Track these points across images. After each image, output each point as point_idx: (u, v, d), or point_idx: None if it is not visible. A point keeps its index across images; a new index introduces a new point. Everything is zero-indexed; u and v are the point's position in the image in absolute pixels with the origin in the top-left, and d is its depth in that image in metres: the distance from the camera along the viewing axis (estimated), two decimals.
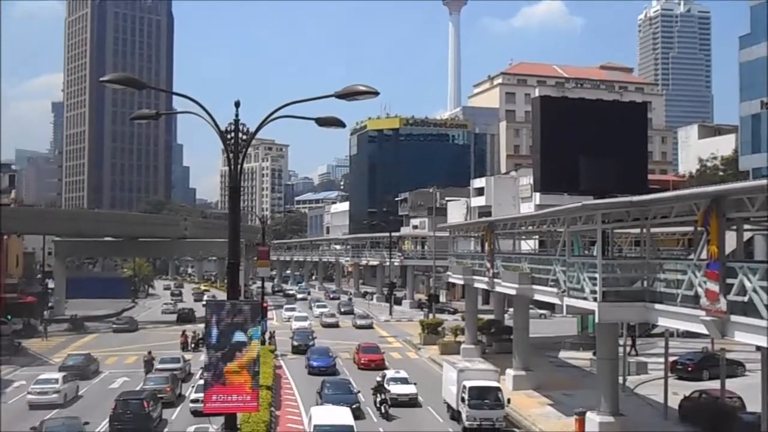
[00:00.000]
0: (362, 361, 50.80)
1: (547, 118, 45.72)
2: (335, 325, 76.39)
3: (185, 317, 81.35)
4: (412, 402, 39.22)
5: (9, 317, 59.50)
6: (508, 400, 34.78)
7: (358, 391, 38.90)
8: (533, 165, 52.50)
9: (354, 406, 34.92)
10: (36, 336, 65.49)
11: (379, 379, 40.19)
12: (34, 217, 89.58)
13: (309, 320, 72.40)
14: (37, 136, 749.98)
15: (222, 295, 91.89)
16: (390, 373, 42.23)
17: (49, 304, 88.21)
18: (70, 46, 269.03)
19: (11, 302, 68.34)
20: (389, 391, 38.69)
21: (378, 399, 37.86)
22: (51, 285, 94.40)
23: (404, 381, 40.92)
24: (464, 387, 34.25)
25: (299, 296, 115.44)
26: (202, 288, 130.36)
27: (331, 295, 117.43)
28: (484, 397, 33.68)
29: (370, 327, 74.43)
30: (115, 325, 76.59)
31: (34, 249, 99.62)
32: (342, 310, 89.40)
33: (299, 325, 67.29)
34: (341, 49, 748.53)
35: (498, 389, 34.38)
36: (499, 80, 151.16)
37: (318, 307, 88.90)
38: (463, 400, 34.05)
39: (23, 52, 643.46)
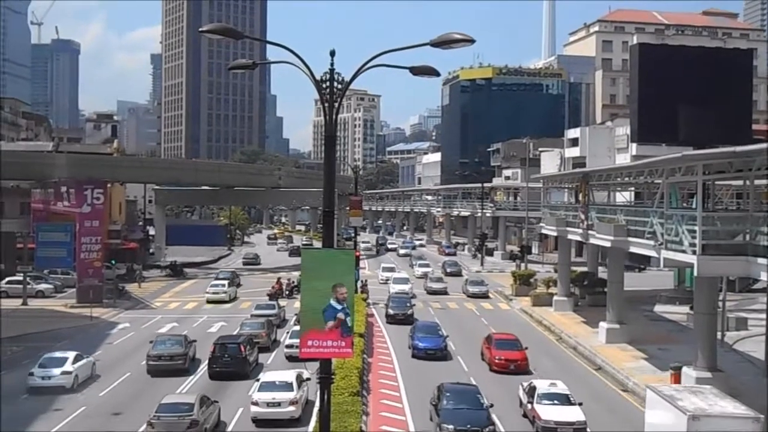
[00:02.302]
0: (496, 361, 36.28)
1: (645, 67, 44.44)
2: (442, 292, 63.64)
3: (251, 262, 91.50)
4: None
5: (113, 262, 61.81)
6: None
7: (491, 405, 27.45)
8: (630, 115, 51.20)
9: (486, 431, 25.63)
10: (135, 281, 67.93)
11: (523, 393, 29.35)
12: (135, 166, 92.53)
13: (409, 283, 62.66)
14: (137, 88, 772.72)
15: (316, 244, 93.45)
16: (541, 385, 28.92)
17: (150, 251, 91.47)
18: None
19: (115, 248, 70.93)
20: (540, 417, 26.92)
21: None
22: (152, 232, 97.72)
23: (565, 399, 27.96)
24: None
25: (401, 252, 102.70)
26: (276, 234, 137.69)
27: (446, 251, 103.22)
28: None
29: (485, 296, 61.88)
30: (244, 259, 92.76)
31: (135, 197, 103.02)
32: (448, 270, 77.89)
33: (398, 288, 58.74)
34: None
35: None
36: (596, 28, 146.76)
37: (420, 266, 78.55)
38: None
39: (123, 5, 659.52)
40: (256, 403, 27.82)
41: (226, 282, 61.55)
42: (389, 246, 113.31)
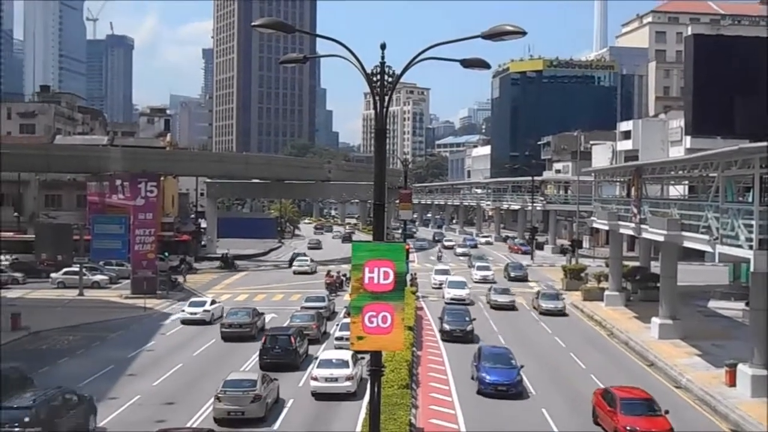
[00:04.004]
0: (625, 428, 25.04)
1: (700, 58, 43.67)
2: (509, 307, 52.29)
3: (315, 246, 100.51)
4: None
5: (166, 254, 62.78)
6: None
7: None
8: (684, 107, 50.37)
9: None
10: (188, 273, 68.70)
11: None
12: (187, 159, 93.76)
13: (467, 288, 56.08)
14: (189, 82, 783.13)
15: (365, 237, 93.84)
16: None
17: (202, 243, 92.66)
18: None
19: (168, 240, 71.97)
20: None
21: None
22: (203, 224, 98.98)
23: None
24: None
25: (459, 251, 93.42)
26: (320, 223, 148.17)
27: (522, 248, 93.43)
28: None
29: (561, 313, 50.73)
30: (309, 245, 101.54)
31: (188, 190, 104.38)
32: (511, 274, 68.42)
33: (454, 293, 53.66)
34: None
35: None
36: (649, 19, 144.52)
37: (479, 268, 68.83)
38: None
39: (176, 2, 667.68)
40: (315, 378, 30.14)
41: (309, 257, 75.64)
42: (446, 243, 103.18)
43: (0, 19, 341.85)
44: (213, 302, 48.84)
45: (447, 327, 41.83)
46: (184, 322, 46.44)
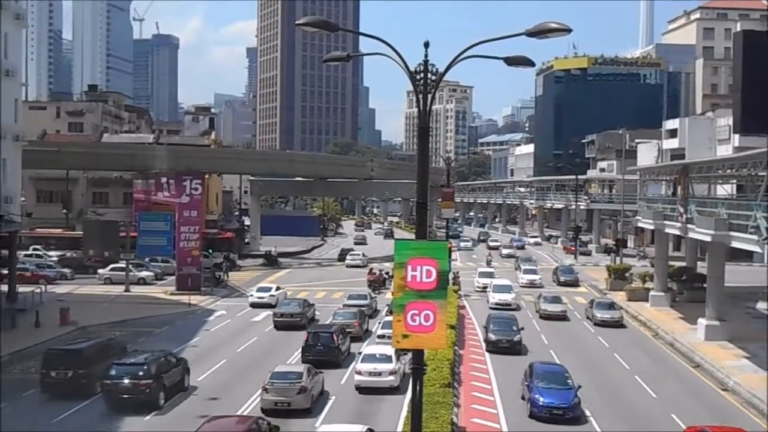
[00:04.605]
0: None
1: (750, 55, 42.93)
2: (560, 317, 48.33)
3: (360, 242, 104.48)
4: None
5: (210, 251, 63.37)
6: None
7: None
8: (733, 105, 49.59)
9: None
10: (230, 270, 69.22)
11: None
12: (232, 157, 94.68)
13: (513, 292, 53.17)
14: (233, 81, 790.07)
15: (407, 235, 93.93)
16: None
17: (245, 240, 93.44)
18: None
19: (212, 237, 72.63)
20: None
21: None
22: (247, 222, 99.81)
23: None
24: None
25: (504, 252, 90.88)
26: (361, 221, 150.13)
27: (580, 249, 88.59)
28: None
29: (619, 323, 46.47)
30: (355, 240, 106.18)
31: (231, 188, 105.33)
32: (561, 278, 64.88)
33: (499, 298, 51.08)
34: None
35: None
36: (697, 15, 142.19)
37: (527, 271, 65.18)
38: None
39: (221, 1, 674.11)
40: (359, 373, 30.61)
41: (361, 252, 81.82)
42: (491, 243, 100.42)
43: (50, 20, 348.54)
44: (278, 288, 54.43)
45: (492, 337, 38.41)
46: (253, 305, 51.66)
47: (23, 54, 57.82)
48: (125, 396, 27.56)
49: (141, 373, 27.86)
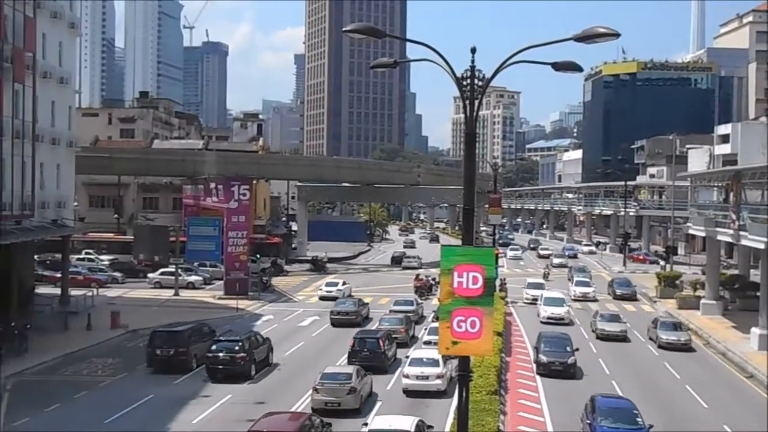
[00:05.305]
0: None
1: None
2: (620, 338, 43.49)
3: (409, 245, 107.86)
4: None
5: (258, 256, 63.88)
6: None
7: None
8: None
9: None
10: (276, 275, 69.65)
11: None
12: (279, 163, 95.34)
13: (566, 305, 50.41)
14: (281, 87, 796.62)
15: (453, 241, 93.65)
16: None
17: (293, 246, 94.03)
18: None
19: (259, 242, 73.19)
20: None
21: None
22: (294, 227, 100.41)
23: None
24: None
25: (555, 261, 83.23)
26: (405, 226, 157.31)
27: (648, 258, 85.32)
28: None
29: (687, 347, 41.34)
30: (404, 244, 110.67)
31: (279, 193, 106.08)
32: (617, 292, 60.55)
33: (551, 312, 48.05)
34: None
35: None
36: (750, 18, 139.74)
37: (579, 284, 60.92)
38: None
39: (269, 8, 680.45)
40: (406, 376, 31.08)
41: (416, 254, 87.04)
42: (542, 252, 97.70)
43: (103, 28, 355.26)
44: (344, 283, 60.42)
45: (544, 359, 34.78)
46: (322, 298, 57.08)
47: (77, 62, 59.05)
48: (224, 367, 32.98)
49: (237, 348, 33.25)
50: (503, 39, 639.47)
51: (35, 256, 53.59)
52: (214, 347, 33.71)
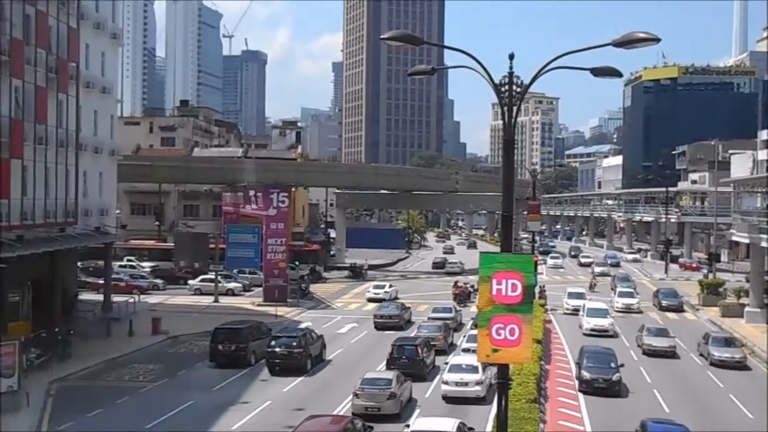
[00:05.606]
0: None
1: None
2: (668, 353, 40.66)
3: (449, 251, 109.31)
4: None
5: (296, 263, 64.15)
6: None
7: None
8: None
9: None
10: (313, 282, 69.82)
11: None
12: (318, 170, 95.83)
13: (609, 316, 48.34)
14: (319, 95, 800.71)
15: (491, 248, 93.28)
16: None
17: (331, 253, 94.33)
18: (348, 7, 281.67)
19: (298, 249, 73.51)
20: None
21: None
22: (332, 234, 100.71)
23: None
24: None
25: (597, 270, 79.82)
26: (441, 233, 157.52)
27: (702, 267, 78.98)
28: None
29: (742, 365, 38.42)
30: (444, 249, 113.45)
31: (317, 200, 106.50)
32: (663, 302, 57.81)
33: (594, 324, 46.15)
34: None
35: None
36: None
37: (622, 294, 58.29)
38: None
39: (307, 17, 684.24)
40: (446, 383, 31.21)
41: (459, 260, 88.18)
42: (582, 260, 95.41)
43: (144, 38, 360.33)
44: (391, 285, 64.07)
45: (587, 375, 32.63)
46: (370, 300, 59.59)
47: (119, 71, 59.95)
48: (281, 361, 35.68)
49: (294, 344, 36.02)
50: (541, 43, 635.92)
51: (78, 263, 54.48)
52: (273, 343, 36.43)
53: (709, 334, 42.30)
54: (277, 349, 35.91)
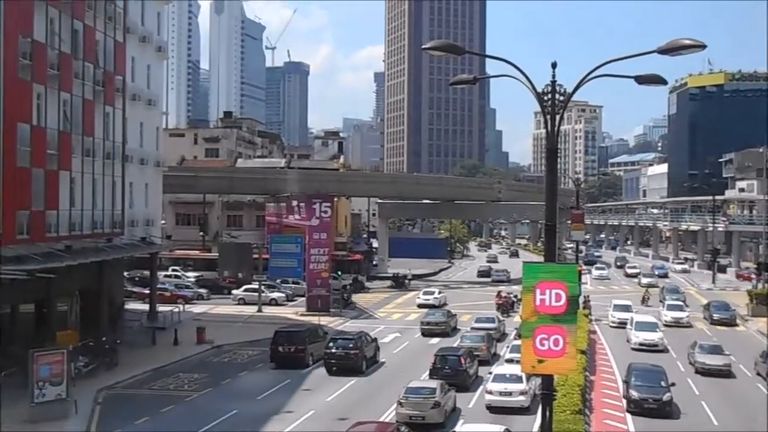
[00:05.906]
0: None
1: None
2: (723, 373, 37.81)
3: (493, 260, 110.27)
4: None
5: (339, 273, 64.30)
6: None
7: None
8: None
9: None
10: (355, 292, 69.84)
11: None
12: (360, 180, 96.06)
13: (659, 330, 46.12)
14: (361, 105, 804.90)
15: (535, 258, 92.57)
16: None
17: (373, 263, 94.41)
18: (390, 18, 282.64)
19: (341, 259, 73.65)
20: None
21: None
22: (375, 244, 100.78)
23: None
24: None
25: (644, 281, 78.58)
26: (482, 242, 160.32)
27: (754, 277, 72.74)
28: None
29: None
30: (487, 258, 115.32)
31: (360, 210, 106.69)
32: (714, 316, 55.07)
33: (643, 338, 44.28)
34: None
35: None
36: None
37: (671, 308, 55.76)
38: None
39: (349, 28, 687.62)
40: (490, 392, 31.15)
41: (504, 268, 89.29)
42: (629, 270, 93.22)
43: (189, 51, 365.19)
44: (440, 292, 66.20)
45: (635, 395, 30.69)
46: (420, 306, 61.35)
47: (164, 84, 60.85)
48: (338, 362, 37.74)
49: (351, 346, 38.07)
50: (584, 50, 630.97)
51: (125, 273, 55.23)
52: (331, 344, 38.58)
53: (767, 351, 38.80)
54: (335, 351, 37.90)
